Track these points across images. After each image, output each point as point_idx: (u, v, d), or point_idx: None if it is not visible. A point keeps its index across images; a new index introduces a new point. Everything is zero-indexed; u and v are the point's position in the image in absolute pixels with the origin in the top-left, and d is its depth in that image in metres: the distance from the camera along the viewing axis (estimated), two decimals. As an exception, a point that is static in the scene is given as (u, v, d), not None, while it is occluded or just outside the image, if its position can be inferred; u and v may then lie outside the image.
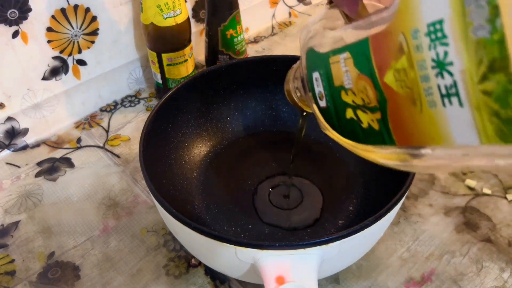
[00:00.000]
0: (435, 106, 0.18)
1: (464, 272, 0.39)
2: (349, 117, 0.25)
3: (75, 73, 0.54)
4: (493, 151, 0.17)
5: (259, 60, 0.47)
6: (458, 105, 0.17)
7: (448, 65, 0.16)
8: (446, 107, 0.17)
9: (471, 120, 0.16)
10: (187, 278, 0.39)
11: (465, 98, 0.16)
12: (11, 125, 0.51)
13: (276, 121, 0.49)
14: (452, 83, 0.16)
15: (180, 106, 0.44)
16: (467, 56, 0.16)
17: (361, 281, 0.38)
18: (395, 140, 0.22)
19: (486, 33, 0.15)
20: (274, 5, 0.72)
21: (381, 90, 0.21)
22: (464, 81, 0.16)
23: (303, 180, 0.44)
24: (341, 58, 0.23)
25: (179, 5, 0.50)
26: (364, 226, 0.30)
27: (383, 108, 0.22)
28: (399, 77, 0.19)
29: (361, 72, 0.22)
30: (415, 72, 0.18)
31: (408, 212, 0.43)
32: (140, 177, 0.48)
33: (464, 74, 0.16)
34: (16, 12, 0.46)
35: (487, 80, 0.15)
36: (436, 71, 0.17)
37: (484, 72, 0.15)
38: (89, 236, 0.43)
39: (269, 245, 0.29)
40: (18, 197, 0.47)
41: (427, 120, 0.19)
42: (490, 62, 0.15)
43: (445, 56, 0.17)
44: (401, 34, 0.18)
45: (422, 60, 0.18)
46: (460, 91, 0.16)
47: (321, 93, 0.26)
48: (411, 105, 0.19)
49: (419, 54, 0.18)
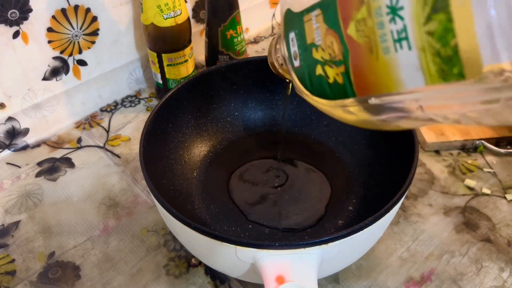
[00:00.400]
0: (389, 52, 0.19)
1: (463, 272, 0.39)
2: (318, 73, 0.26)
3: (75, 73, 0.54)
4: (439, 94, 0.18)
5: (259, 60, 0.47)
6: (407, 48, 0.18)
7: (399, 9, 0.18)
8: (397, 52, 0.19)
9: (417, 62, 0.18)
10: (187, 278, 0.39)
11: (413, 41, 0.18)
12: (12, 125, 0.51)
13: (276, 121, 0.49)
14: (403, 27, 0.18)
15: (180, 106, 0.44)
16: (414, 8, 0.17)
17: (361, 280, 0.38)
18: (356, 92, 0.23)
19: None
20: (274, 5, 0.72)
21: (345, 43, 0.22)
22: (411, 23, 0.17)
23: (303, 179, 0.44)
24: (312, 15, 0.24)
25: (179, 6, 0.50)
26: (364, 226, 0.30)
27: (346, 61, 0.23)
28: (359, 27, 0.21)
29: (329, 27, 0.23)
30: (373, 20, 0.19)
31: (408, 212, 0.44)
32: (140, 177, 0.48)
33: (412, 16, 0.17)
34: (16, 12, 0.46)
35: (430, 20, 0.17)
36: (389, 17, 0.18)
37: (428, 13, 0.17)
38: (89, 236, 0.43)
39: (269, 245, 0.29)
40: (18, 197, 0.47)
41: (382, 67, 0.20)
42: (433, 3, 0.16)
43: (397, 1, 0.18)
44: None
45: (378, 8, 0.19)
46: (409, 34, 0.18)
47: (295, 53, 0.27)
48: (369, 54, 0.21)
49: (376, 2, 0.19)
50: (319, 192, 0.43)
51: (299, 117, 0.49)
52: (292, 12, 0.27)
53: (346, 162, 0.45)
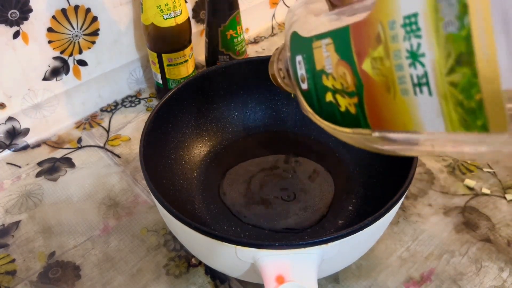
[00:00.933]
0: (408, 94, 0.19)
1: (463, 272, 0.39)
2: (328, 100, 0.25)
3: (75, 73, 0.54)
4: (457, 138, 0.18)
5: (259, 61, 0.47)
6: (428, 94, 0.18)
7: (421, 56, 0.17)
8: (417, 96, 0.18)
9: (439, 108, 0.17)
10: (187, 278, 0.39)
11: (434, 88, 0.17)
12: (12, 125, 0.52)
13: (276, 121, 0.49)
14: (423, 73, 0.17)
15: (180, 106, 0.44)
16: (437, 49, 0.17)
17: (360, 280, 0.38)
18: (370, 124, 0.23)
19: (455, 29, 0.16)
20: (274, 5, 0.72)
21: (359, 76, 0.22)
22: (433, 72, 0.17)
23: (303, 179, 0.44)
24: (323, 43, 0.24)
25: (179, 6, 0.50)
26: (364, 226, 0.30)
27: (360, 93, 0.22)
28: (375, 65, 0.20)
29: (341, 58, 0.23)
30: (391, 61, 0.19)
31: (408, 212, 0.44)
32: (141, 177, 0.48)
33: (434, 65, 0.17)
34: (16, 12, 0.46)
35: (454, 72, 0.16)
36: (409, 61, 0.18)
37: (451, 65, 0.16)
38: (89, 236, 0.43)
39: (269, 244, 0.29)
40: (18, 197, 0.47)
41: (400, 106, 0.20)
42: (457, 56, 0.16)
43: (418, 47, 0.17)
44: (379, 24, 0.19)
45: (398, 50, 0.18)
46: (430, 81, 0.17)
47: (303, 76, 0.27)
48: (386, 92, 0.20)
49: (395, 44, 0.19)
50: (321, 191, 0.43)
51: (299, 117, 0.49)
52: (299, 36, 0.26)
53: (346, 162, 0.45)
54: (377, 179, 0.42)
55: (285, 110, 0.49)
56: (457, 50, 0.16)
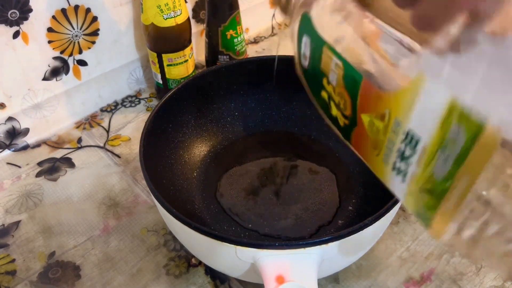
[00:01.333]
0: (387, 164, 0.21)
1: (463, 272, 0.39)
2: (322, 96, 0.26)
3: (75, 73, 0.54)
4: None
5: (259, 61, 0.47)
6: (401, 179, 0.20)
7: (407, 160, 0.19)
8: (394, 172, 0.21)
9: (405, 192, 0.20)
10: (187, 278, 0.39)
11: (407, 183, 0.20)
12: (12, 125, 0.52)
13: (276, 121, 0.49)
14: (405, 169, 0.20)
15: (180, 106, 0.44)
16: (420, 174, 0.19)
17: (360, 280, 0.38)
18: (353, 146, 0.25)
19: (440, 177, 0.18)
20: (274, 5, 0.72)
21: (356, 116, 0.23)
22: (411, 178, 0.19)
23: (303, 179, 0.44)
24: (334, 60, 0.24)
25: (179, 6, 0.50)
26: (364, 226, 0.30)
27: (352, 123, 0.24)
28: (372, 125, 0.22)
29: (346, 89, 0.23)
30: (385, 137, 0.21)
31: (408, 212, 0.44)
32: (141, 177, 0.48)
33: (413, 177, 0.19)
34: (16, 12, 0.46)
35: (424, 193, 0.19)
36: (398, 154, 0.20)
37: (424, 190, 0.19)
38: (89, 236, 0.43)
39: (269, 244, 0.29)
40: (18, 197, 0.47)
41: (379, 164, 0.22)
42: (431, 191, 0.18)
43: (408, 157, 0.19)
44: (388, 110, 0.20)
45: (393, 141, 0.20)
46: (407, 177, 0.20)
47: (305, 56, 0.27)
48: (372, 147, 0.22)
49: (393, 135, 0.20)
50: (321, 192, 0.43)
51: (299, 117, 0.49)
52: (311, 22, 0.25)
53: (346, 162, 0.45)
54: (377, 179, 0.42)
55: (285, 110, 0.49)
56: (431, 192, 0.18)
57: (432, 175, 0.18)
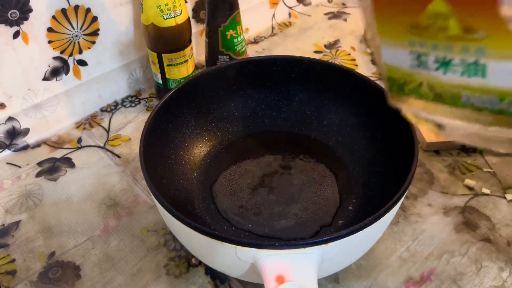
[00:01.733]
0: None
1: (463, 272, 0.39)
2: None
3: (75, 73, 0.54)
4: None
5: (259, 61, 0.47)
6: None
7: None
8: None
9: None
10: (187, 278, 0.39)
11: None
12: (12, 125, 0.52)
13: (276, 121, 0.49)
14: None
15: (180, 106, 0.44)
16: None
17: (360, 280, 0.38)
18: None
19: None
20: (274, 5, 0.72)
21: None
22: None
23: (303, 179, 0.44)
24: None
25: (179, 6, 0.50)
26: (364, 226, 0.30)
27: None
28: (437, 17, 0.19)
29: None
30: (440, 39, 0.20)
31: (408, 212, 0.44)
32: (141, 177, 0.48)
33: None
34: (16, 12, 0.46)
35: None
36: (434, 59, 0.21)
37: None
38: (89, 236, 0.43)
39: (269, 244, 0.29)
40: (18, 197, 0.47)
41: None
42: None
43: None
44: (485, 32, 0.18)
45: (447, 48, 0.20)
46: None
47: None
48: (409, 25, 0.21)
49: (457, 51, 0.19)
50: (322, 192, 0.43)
51: (299, 117, 0.49)
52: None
53: (346, 162, 0.45)
54: (377, 179, 0.42)
55: (285, 110, 0.49)
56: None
57: None
